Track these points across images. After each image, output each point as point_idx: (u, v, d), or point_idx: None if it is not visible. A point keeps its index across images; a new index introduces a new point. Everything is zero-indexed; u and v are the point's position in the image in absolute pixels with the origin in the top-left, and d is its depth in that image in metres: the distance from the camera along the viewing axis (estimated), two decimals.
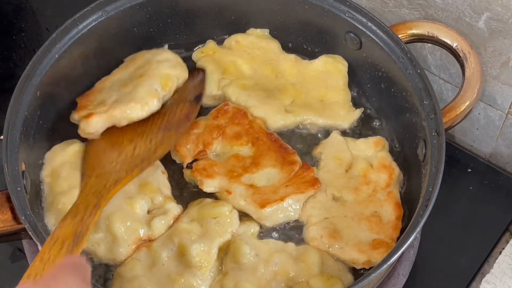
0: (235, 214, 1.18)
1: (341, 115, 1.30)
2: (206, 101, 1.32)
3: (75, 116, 1.25)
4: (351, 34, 1.30)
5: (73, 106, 1.30)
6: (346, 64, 1.33)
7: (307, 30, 1.36)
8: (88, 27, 1.27)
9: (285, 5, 1.34)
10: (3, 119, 1.14)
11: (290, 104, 1.31)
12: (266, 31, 1.39)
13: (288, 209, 1.19)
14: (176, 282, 1.11)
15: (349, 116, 1.30)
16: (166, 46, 1.37)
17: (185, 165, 1.25)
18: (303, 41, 1.38)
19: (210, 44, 1.38)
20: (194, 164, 1.23)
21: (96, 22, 1.27)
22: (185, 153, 1.24)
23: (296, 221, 1.20)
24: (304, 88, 1.33)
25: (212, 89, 1.32)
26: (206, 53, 1.36)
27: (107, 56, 1.32)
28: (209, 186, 1.21)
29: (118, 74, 1.31)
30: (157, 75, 1.27)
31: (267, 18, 1.37)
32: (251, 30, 1.39)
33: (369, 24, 1.27)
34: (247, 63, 1.35)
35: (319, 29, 1.34)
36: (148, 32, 1.35)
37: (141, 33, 1.35)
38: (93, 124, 1.21)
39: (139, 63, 1.31)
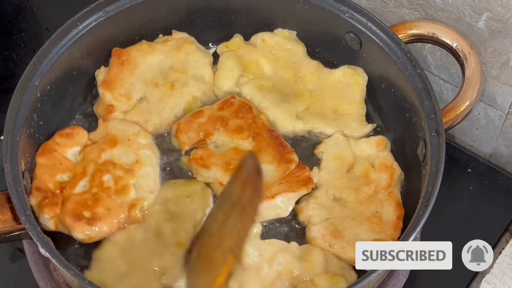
0: (209, 192, 1.19)
1: (352, 127, 1.28)
2: (220, 95, 1.33)
3: (99, 76, 1.29)
4: (351, 34, 1.30)
5: (73, 106, 1.30)
6: (366, 77, 1.32)
7: (307, 31, 1.36)
8: (88, 27, 1.26)
9: (284, 5, 1.34)
10: (3, 119, 1.14)
11: (303, 110, 1.30)
12: (293, 33, 1.37)
13: (279, 206, 1.19)
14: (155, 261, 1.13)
15: (360, 130, 1.29)
16: (214, 48, 1.37)
17: (183, 152, 1.25)
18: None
19: (236, 39, 1.36)
20: (192, 152, 1.24)
21: (96, 22, 1.27)
22: (185, 140, 1.25)
23: (298, 222, 1.20)
24: (321, 97, 1.32)
25: (229, 85, 1.32)
26: (230, 48, 1.35)
27: (107, 56, 1.32)
28: (203, 175, 1.21)
29: (160, 56, 1.31)
30: (185, 95, 1.29)
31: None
32: (279, 30, 1.37)
33: (369, 24, 1.27)
34: (269, 63, 1.34)
35: (319, 29, 1.34)
36: (148, 32, 1.36)
37: (141, 33, 1.35)
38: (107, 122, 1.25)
39: (181, 58, 1.32)
